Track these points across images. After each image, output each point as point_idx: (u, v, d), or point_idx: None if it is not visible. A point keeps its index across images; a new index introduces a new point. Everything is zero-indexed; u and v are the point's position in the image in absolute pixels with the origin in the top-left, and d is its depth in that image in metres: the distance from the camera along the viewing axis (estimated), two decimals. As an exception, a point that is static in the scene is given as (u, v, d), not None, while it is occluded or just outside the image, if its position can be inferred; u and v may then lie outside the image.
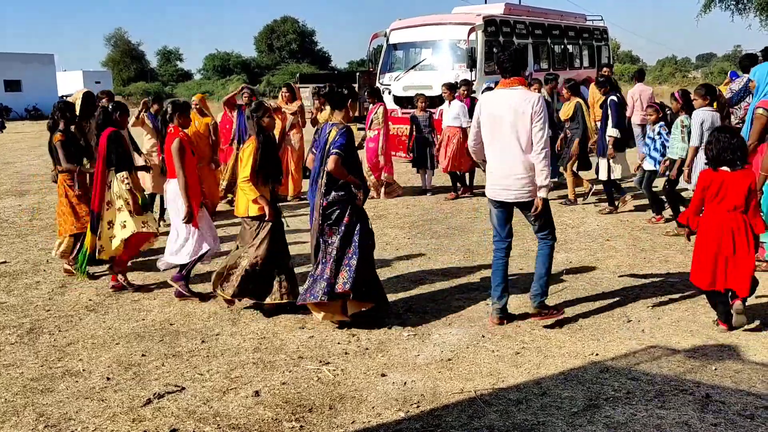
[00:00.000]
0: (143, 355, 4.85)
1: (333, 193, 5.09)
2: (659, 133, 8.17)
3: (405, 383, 4.29)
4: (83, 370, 4.64)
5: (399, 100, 15.10)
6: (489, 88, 8.95)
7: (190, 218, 5.87)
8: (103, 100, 7.86)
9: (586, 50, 20.69)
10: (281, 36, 74.38)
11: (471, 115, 10.15)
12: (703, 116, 7.06)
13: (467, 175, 10.89)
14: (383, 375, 4.41)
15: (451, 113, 10.39)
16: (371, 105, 11.00)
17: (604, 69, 11.89)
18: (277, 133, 10.20)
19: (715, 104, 7.51)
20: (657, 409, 3.85)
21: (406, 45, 16.18)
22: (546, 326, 5.14)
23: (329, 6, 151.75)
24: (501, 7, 17.35)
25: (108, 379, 4.48)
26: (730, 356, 4.53)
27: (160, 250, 6.54)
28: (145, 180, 8.16)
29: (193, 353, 4.87)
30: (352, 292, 5.06)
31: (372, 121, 10.68)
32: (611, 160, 8.77)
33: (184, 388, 4.31)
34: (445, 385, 4.25)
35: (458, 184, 10.73)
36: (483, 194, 6.27)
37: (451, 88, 10.59)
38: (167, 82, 69.09)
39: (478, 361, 4.58)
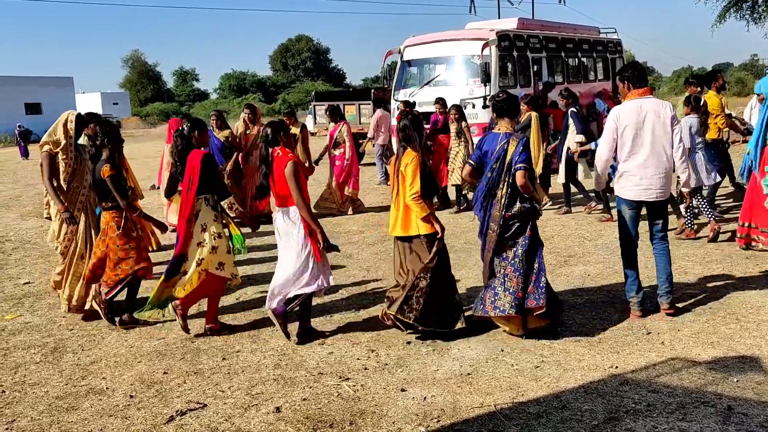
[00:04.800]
0: (165, 373, 4.91)
1: (517, 205, 5.12)
2: None
3: (425, 398, 4.30)
4: (107, 388, 4.70)
5: (414, 116, 15.18)
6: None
7: (327, 245, 5.29)
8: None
9: (601, 63, 20.68)
10: (296, 54, 75.20)
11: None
12: (691, 122, 8.05)
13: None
14: (403, 390, 4.43)
15: None
16: (332, 124, 11.33)
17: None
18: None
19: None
20: (678, 422, 3.83)
21: (420, 61, 16.29)
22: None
23: (343, 24, 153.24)
24: (514, 22, 17.43)
25: (131, 396, 4.54)
26: (751, 368, 4.51)
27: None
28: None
29: (215, 370, 4.91)
30: (546, 308, 5.09)
31: (336, 140, 11.12)
32: (579, 162, 9.86)
33: (206, 405, 4.35)
34: (464, 399, 4.26)
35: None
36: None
37: (408, 105, 11.16)
38: (184, 102, 69.98)
39: (498, 375, 4.59)
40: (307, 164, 10.85)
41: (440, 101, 11.35)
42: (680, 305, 5.75)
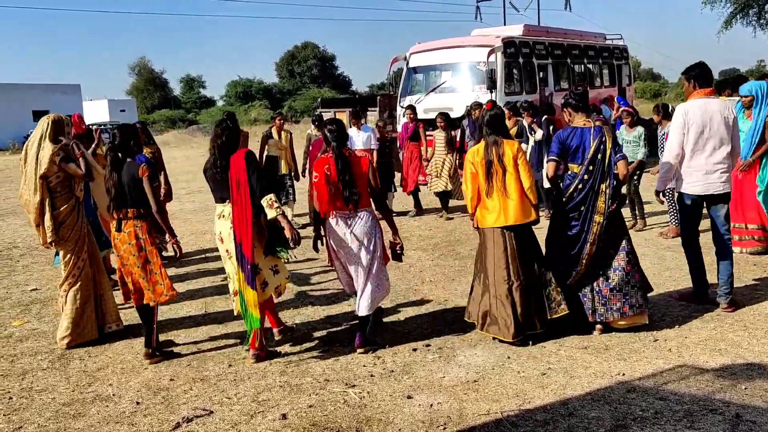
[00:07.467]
0: (171, 380, 4.91)
1: (616, 197, 5.30)
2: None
3: (431, 405, 4.29)
4: (113, 394, 4.71)
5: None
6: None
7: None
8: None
9: (607, 69, 20.67)
10: (302, 61, 75.29)
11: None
12: (666, 130, 7.98)
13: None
14: (409, 397, 4.42)
15: (360, 139, 10.75)
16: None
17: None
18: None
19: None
20: (686, 429, 3.81)
21: (426, 68, 16.30)
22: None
23: (349, 31, 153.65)
24: (520, 28, 17.44)
25: (137, 403, 4.54)
26: (760, 375, 4.48)
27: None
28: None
29: (221, 377, 4.92)
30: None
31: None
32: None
33: (212, 412, 4.35)
34: (471, 406, 4.25)
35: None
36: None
37: (356, 115, 11.13)
38: (190, 109, 70.15)
39: (504, 382, 4.58)
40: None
41: (410, 108, 11.51)
42: (687, 312, 5.74)
